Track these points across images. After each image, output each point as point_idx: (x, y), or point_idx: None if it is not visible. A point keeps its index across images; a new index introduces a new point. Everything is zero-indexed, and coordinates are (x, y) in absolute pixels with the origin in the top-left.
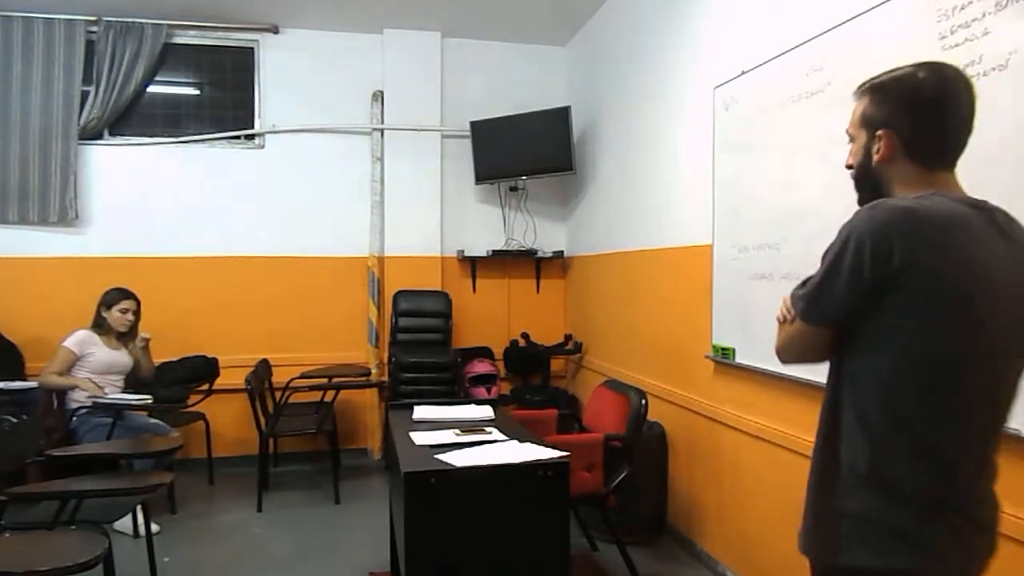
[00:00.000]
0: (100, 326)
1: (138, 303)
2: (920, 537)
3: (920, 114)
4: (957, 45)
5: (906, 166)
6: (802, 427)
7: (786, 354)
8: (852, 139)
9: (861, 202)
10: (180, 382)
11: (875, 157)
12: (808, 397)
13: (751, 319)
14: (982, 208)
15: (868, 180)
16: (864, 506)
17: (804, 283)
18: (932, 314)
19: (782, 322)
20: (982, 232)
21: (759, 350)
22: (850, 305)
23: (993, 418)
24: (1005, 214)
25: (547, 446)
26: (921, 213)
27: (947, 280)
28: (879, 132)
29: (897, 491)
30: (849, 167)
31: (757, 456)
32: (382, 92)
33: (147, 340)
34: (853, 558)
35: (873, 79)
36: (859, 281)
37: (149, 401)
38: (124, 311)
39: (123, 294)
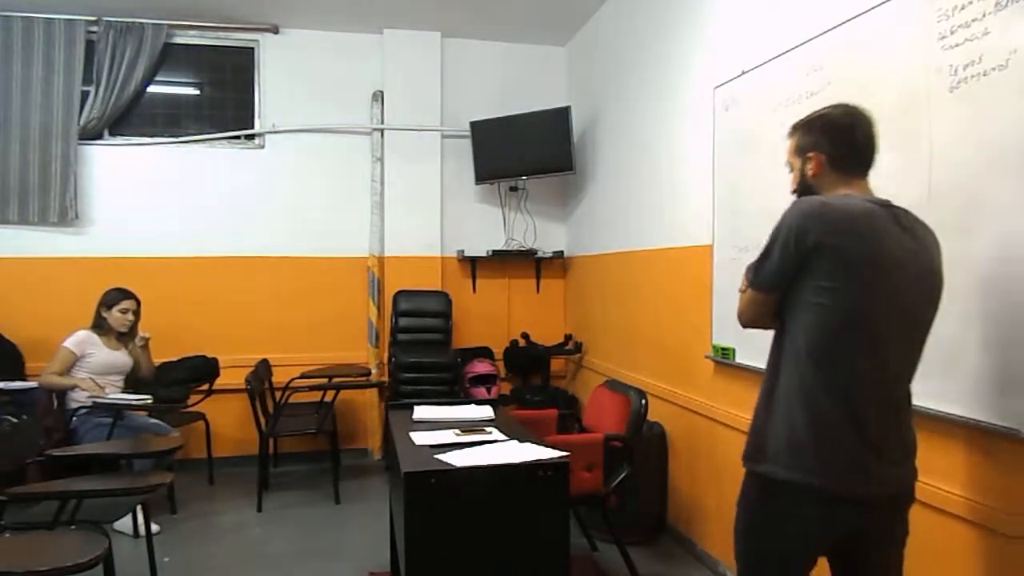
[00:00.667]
0: (100, 326)
1: (138, 303)
2: (832, 455)
3: (836, 137)
4: (957, 45)
5: (831, 177)
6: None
7: (743, 317)
8: (791, 167)
9: None
10: (180, 382)
11: (809, 173)
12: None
13: None
14: (886, 206)
15: (807, 188)
16: (788, 430)
17: (750, 263)
18: (841, 282)
19: (741, 292)
20: (883, 223)
21: (759, 350)
22: (783, 274)
23: (893, 372)
24: (908, 214)
25: (547, 446)
26: (832, 206)
27: (851, 256)
28: (810, 154)
29: (814, 418)
30: (794, 191)
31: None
32: (382, 92)
33: (146, 339)
34: (767, 469)
35: (799, 120)
36: (787, 255)
37: (149, 401)
38: (124, 311)
39: (123, 294)
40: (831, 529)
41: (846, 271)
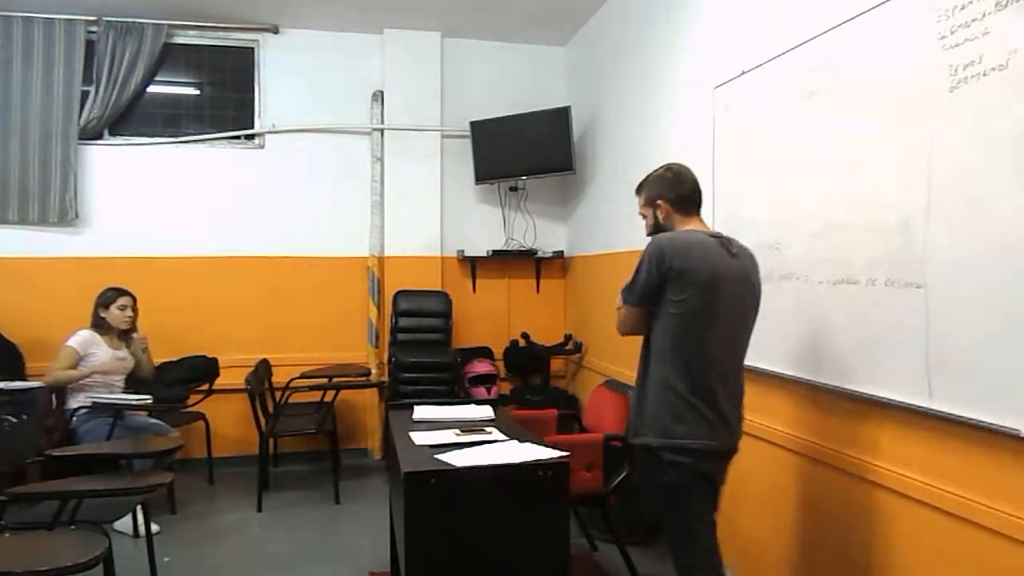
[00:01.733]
0: (100, 327)
1: (134, 299)
2: (685, 421)
3: (671, 187)
4: (957, 45)
5: (676, 217)
6: (800, 426)
7: (622, 328)
8: (645, 216)
9: None
10: (180, 382)
11: (660, 218)
12: (806, 397)
13: None
14: (716, 236)
15: (661, 231)
16: (657, 404)
17: (623, 287)
18: (686, 293)
19: (618, 308)
20: (713, 249)
21: (758, 350)
22: (649, 291)
23: (727, 355)
24: (733, 242)
25: (547, 446)
26: (679, 239)
27: (692, 275)
28: (658, 202)
29: (674, 393)
30: (649, 234)
31: (755, 455)
32: (382, 92)
33: (145, 340)
34: (647, 440)
35: (642, 181)
36: (651, 277)
37: (149, 401)
38: (123, 308)
39: (118, 292)
40: (698, 472)
41: (689, 286)
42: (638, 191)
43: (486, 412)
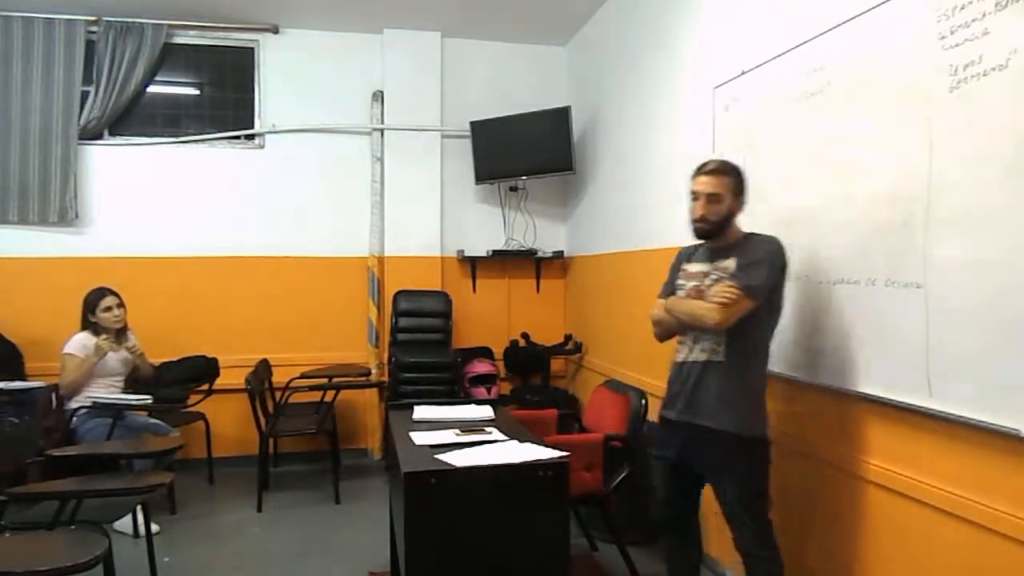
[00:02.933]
0: (95, 331)
1: (117, 295)
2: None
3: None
4: (957, 45)
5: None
6: (801, 426)
7: (729, 321)
8: (720, 199)
9: (709, 233)
10: (180, 382)
11: (738, 209)
12: (807, 397)
13: None
14: None
15: (727, 220)
16: (758, 400)
17: (748, 281)
18: (782, 293)
19: (728, 304)
20: None
21: None
22: (772, 288)
23: None
24: None
25: (547, 446)
26: None
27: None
28: (742, 197)
29: (763, 387)
30: (704, 217)
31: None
32: (382, 92)
33: (139, 349)
34: (762, 430)
35: (728, 165)
36: (775, 276)
37: (149, 401)
38: (108, 309)
39: (100, 294)
40: None
41: (783, 288)
42: (725, 172)
43: (486, 412)
